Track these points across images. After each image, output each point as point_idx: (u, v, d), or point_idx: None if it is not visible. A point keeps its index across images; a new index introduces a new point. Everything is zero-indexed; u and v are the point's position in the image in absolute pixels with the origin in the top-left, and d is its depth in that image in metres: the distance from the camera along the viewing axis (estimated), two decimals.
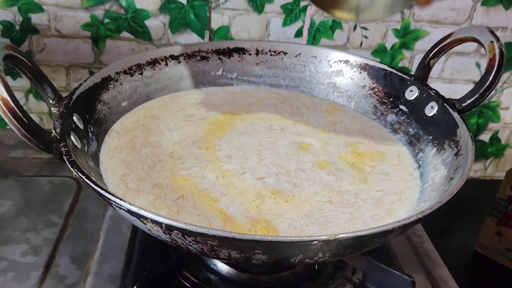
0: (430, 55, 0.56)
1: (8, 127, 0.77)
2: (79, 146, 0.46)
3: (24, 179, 0.63)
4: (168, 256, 0.52)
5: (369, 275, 0.51)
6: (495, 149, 0.88)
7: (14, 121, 0.39)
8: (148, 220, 0.36)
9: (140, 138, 0.53)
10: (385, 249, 0.57)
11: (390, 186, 0.50)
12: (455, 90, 0.81)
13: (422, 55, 0.57)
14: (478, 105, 0.52)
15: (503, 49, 0.50)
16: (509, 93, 0.82)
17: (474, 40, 0.53)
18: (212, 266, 0.51)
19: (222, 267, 0.51)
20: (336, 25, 0.74)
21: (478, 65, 0.79)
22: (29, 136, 0.40)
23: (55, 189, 0.61)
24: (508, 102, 0.83)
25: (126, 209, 0.37)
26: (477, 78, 0.81)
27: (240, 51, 0.65)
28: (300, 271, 0.51)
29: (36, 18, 0.71)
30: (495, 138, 0.87)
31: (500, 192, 0.64)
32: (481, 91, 0.51)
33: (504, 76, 0.81)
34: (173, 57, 0.62)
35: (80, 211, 0.58)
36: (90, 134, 0.50)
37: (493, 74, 0.50)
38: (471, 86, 0.81)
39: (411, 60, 0.78)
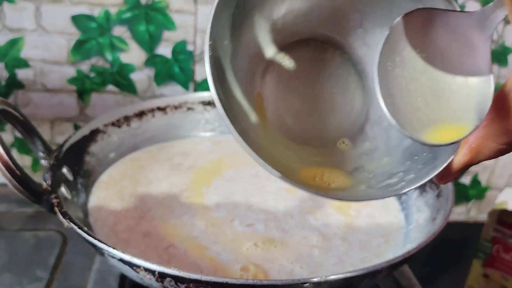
0: None
1: None
2: (69, 197, 0.46)
3: (8, 233, 0.61)
4: None
5: None
6: (476, 192, 0.90)
7: (7, 173, 0.40)
8: (141, 268, 0.36)
9: (128, 188, 0.54)
10: None
11: (376, 229, 0.51)
12: None
13: None
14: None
15: None
16: None
17: None
18: None
19: None
20: None
21: None
22: (21, 188, 0.40)
23: (40, 243, 0.60)
24: None
25: (118, 258, 0.37)
26: None
27: None
28: None
29: (22, 74, 0.72)
30: (475, 181, 0.89)
31: (483, 234, 0.66)
32: None
33: None
34: (160, 108, 0.63)
35: (66, 265, 0.57)
36: (79, 186, 0.50)
37: None
38: None
39: None
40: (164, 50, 0.73)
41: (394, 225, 0.52)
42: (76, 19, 0.70)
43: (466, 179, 0.89)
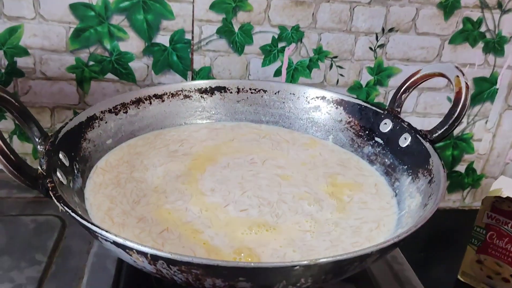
0: (401, 90, 0.60)
1: None
2: (65, 182, 0.47)
3: (7, 218, 0.63)
4: None
5: None
6: (471, 180, 0.91)
7: (2, 158, 0.40)
8: (134, 251, 0.37)
9: (124, 174, 0.55)
10: (368, 277, 0.58)
11: (368, 215, 0.51)
12: (430, 123, 0.84)
13: None
14: (448, 135, 0.54)
15: (468, 83, 0.53)
16: (480, 125, 0.86)
17: (441, 75, 0.56)
18: None
19: None
20: (313, 64, 0.78)
21: (449, 99, 0.83)
22: (16, 173, 0.41)
23: (39, 227, 0.61)
24: (480, 134, 0.87)
25: (111, 241, 0.38)
26: None
27: (222, 89, 0.67)
28: None
29: (21, 62, 0.73)
30: (470, 169, 0.90)
31: (477, 220, 0.66)
32: (450, 122, 0.53)
33: (475, 109, 0.85)
34: (156, 96, 0.64)
35: (65, 249, 0.58)
36: (76, 171, 0.51)
37: (460, 106, 0.53)
38: None
39: (386, 95, 0.82)
40: (162, 39, 0.74)
41: (387, 211, 0.52)
42: (75, 8, 0.70)
43: (461, 168, 0.89)
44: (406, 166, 0.56)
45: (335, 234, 0.48)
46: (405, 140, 0.57)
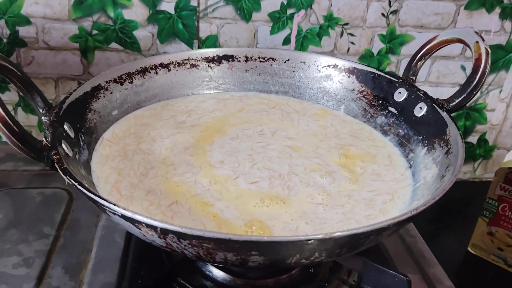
0: (417, 57, 0.57)
1: None
2: (70, 154, 0.45)
3: (14, 191, 0.62)
4: (162, 264, 0.52)
5: (364, 276, 0.51)
6: (483, 151, 0.89)
7: (4, 129, 0.39)
8: (143, 224, 0.36)
9: (131, 145, 0.53)
10: (380, 250, 0.57)
11: (382, 186, 0.50)
12: (442, 93, 0.82)
13: (408, 60, 0.58)
14: (465, 104, 0.52)
15: (489, 49, 0.51)
16: (494, 95, 0.84)
17: (460, 41, 0.54)
18: (207, 272, 0.51)
19: (218, 273, 0.51)
20: (323, 32, 0.75)
21: (463, 68, 0.81)
22: (20, 145, 0.40)
23: (47, 200, 0.61)
24: (494, 104, 0.85)
25: (120, 215, 0.37)
26: (463, 81, 0.82)
27: (229, 58, 0.65)
28: (295, 274, 0.51)
29: (23, 31, 0.71)
30: (482, 140, 0.88)
31: (490, 192, 0.65)
32: (468, 90, 0.51)
33: (489, 78, 0.82)
34: (162, 65, 0.62)
35: (72, 222, 0.58)
36: (81, 143, 0.49)
37: (479, 73, 0.51)
38: (457, 89, 0.83)
39: (398, 64, 0.79)
40: (167, 6, 0.71)
41: (401, 183, 0.51)
42: None
43: (473, 139, 0.87)
44: (421, 137, 0.54)
45: (348, 206, 0.47)
46: (420, 110, 0.55)
